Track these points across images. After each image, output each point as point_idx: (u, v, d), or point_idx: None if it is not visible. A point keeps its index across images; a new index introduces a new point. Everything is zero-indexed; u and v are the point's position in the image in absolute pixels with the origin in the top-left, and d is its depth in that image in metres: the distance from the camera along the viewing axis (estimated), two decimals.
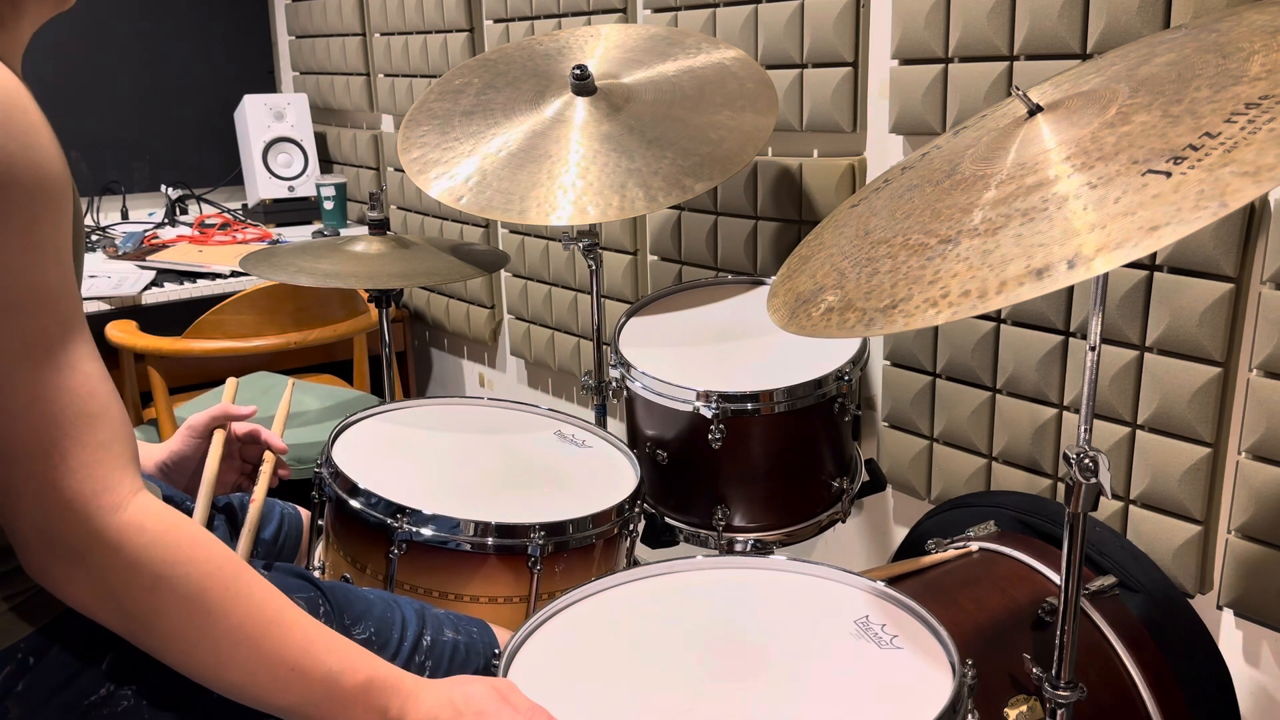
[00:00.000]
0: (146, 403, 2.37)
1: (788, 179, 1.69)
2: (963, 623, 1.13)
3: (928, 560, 1.27)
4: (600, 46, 1.69)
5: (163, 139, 3.18)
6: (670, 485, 1.45)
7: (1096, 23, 1.28)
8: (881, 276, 0.82)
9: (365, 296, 2.15)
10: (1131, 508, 1.35)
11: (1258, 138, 0.67)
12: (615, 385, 1.47)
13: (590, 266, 1.63)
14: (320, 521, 1.27)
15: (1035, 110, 0.88)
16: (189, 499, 1.18)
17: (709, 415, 1.34)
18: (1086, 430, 0.93)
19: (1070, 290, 1.37)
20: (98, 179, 3.09)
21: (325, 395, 2.25)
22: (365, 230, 1.74)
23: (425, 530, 1.14)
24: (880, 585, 1.01)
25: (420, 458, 1.31)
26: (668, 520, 1.46)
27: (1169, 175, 0.69)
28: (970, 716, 0.85)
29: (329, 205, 2.89)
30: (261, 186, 2.95)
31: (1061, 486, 1.41)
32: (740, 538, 1.42)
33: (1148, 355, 1.30)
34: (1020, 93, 0.89)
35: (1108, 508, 1.36)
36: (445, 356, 2.89)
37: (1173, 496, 1.29)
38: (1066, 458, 0.90)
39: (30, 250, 0.72)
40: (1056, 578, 1.20)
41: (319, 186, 2.90)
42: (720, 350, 1.47)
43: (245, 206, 3.10)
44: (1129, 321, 1.30)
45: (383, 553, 1.16)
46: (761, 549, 1.41)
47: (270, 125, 2.97)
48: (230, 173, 3.23)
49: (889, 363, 1.62)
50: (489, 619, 1.12)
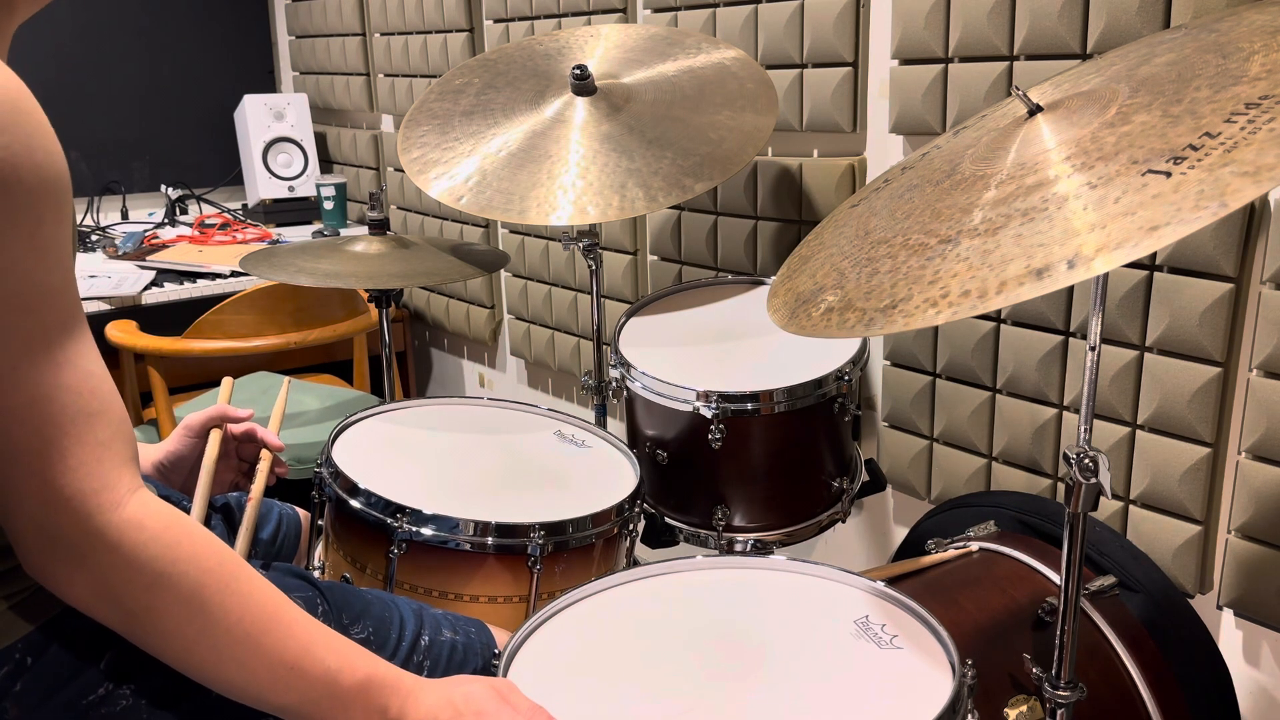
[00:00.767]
0: (146, 403, 2.37)
1: (788, 179, 1.69)
2: (963, 623, 1.13)
3: (928, 560, 1.27)
4: (600, 46, 1.69)
5: (163, 139, 3.18)
6: (670, 485, 1.45)
7: (1096, 23, 1.28)
8: (881, 276, 0.82)
9: (365, 296, 2.15)
10: (1131, 508, 1.35)
11: (1258, 138, 0.67)
12: (615, 385, 1.47)
13: (590, 266, 1.63)
14: (320, 521, 1.27)
15: (1035, 110, 0.88)
16: (186, 499, 1.18)
17: (709, 415, 1.34)
18: (1086, 430, 0.93)
19: (1070, 290, 1.37)
20: (98, 179, 3.09)
21: (325, 395, 2.25)
22: (365, 230, 1.74)
23: (425, 530, 1.14)
24: (880, 585, 1.01)
25: (420, 458, 1.31)
26: (668, 520, 1.46)
27: (1169, 175, 0.69)
28: (970, 716, 0.85)
29: (329, 205, 2.89)
30: (261, 186, 2.95)
31: (1061, 486, 1.41)
32: (740, 538, 1.42)
33: (1148, 355, 1.30)
34: (1020, 93, 0.89)
35: (1108, 508, 1.36)
36: (445, 356, 2.89)
37: (1173, 496, 1.29)
38: (1066, 458, 0.90)
39: (34, 250, 0.72)
40: (1056, 578, 1.20)
41: (319, 186, 2.90)
42: (720, 350, 1.47)
43: (245, 206, 3.10)
44: (1129, 321, 1.30)
45: (383, 552, 1.16)
46: (761, 549, 1.41)
47: (270, 125, 2.97)
48: (230, 173, 3.23)
49: (889, 363, 1.62)
50: (489, 619, 1.12)
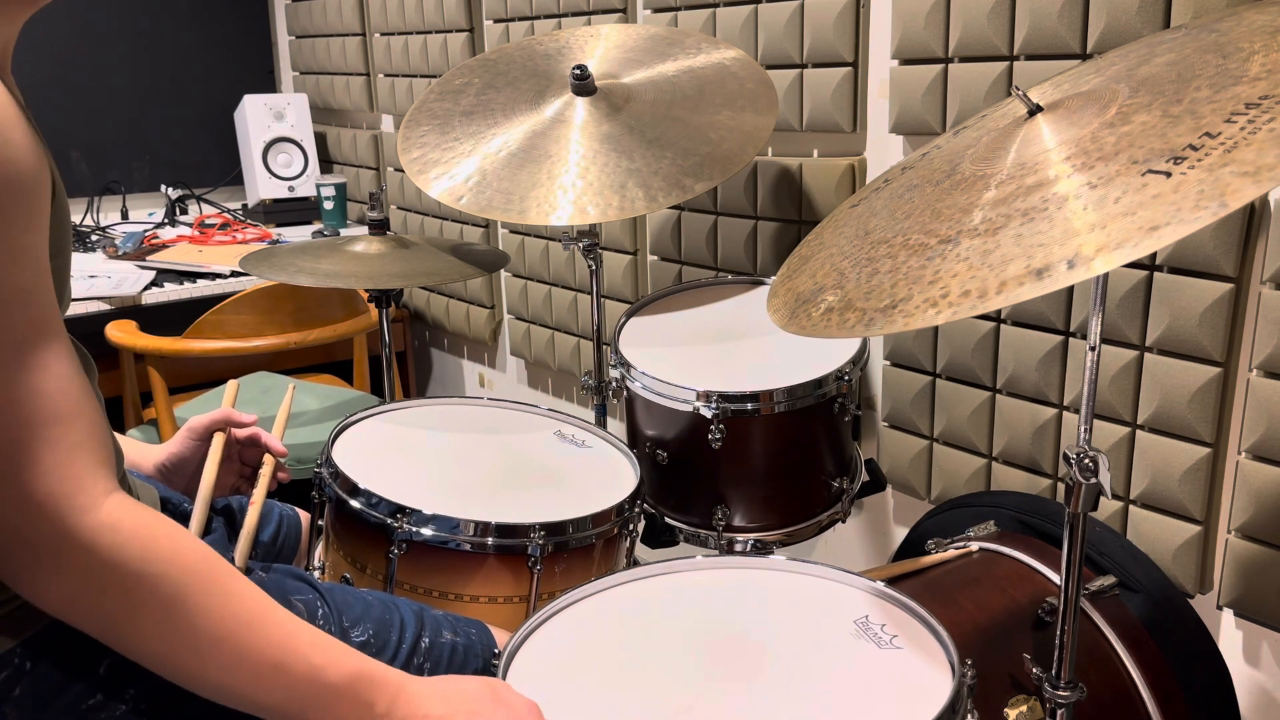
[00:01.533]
0: (146, 403, 2.37)
1: (788, 179, 1.69)
2: (963, 623, 1.13)
3: (928, 560, 1.27)
4: (600, 46, 1.69)
5: (163, 139, 3.18)
6: (670, 485, 1.45)
7: (1096, 23, 1.28)
8: (881, 276, 0.82)
9: (365, 296, 2.15)
10: (1131, 508, 1.35)
11: (1258, 138, 0.67)
12: (615, 385, 1.47)
13: (590, 266, 1.63)
14: (320, 522, 1.27)
15: (1035, 110, 0.88)
16: (187, 501, 1.18)
17: (709, 415, 1.34)
18: (1086, 430, 0.93)
19: (1070, 290, 1.37)
20: (98, 179, 3.09)
21: (325, 395, 2.25)
22: (365, 230, 1.74)
23: (425, 530, 1.14)
24: (880, 585, 1.01)
25: (420, 458, 1.31)
26: (668, 520, 1.46)
27: (1169, 175, 0.69)
28: (970, 716, 0.86)
29: (329, 205, 2.89)
30: (261, 186, 2.95)
31: (1061, 486, 1.41)
32: (740, 538, 1.41)
33: (1148, 355, 1.30)
34: (1020, 93, 0.89)
35: (1108, 508, 1.36)
36: (445, 356, 2.89)
37: (1173, 496, 1.29)
38: (1066, 458, 0.90)
39: (2, 250, 0.70)
40: (1056, 578, 1.20)
41: (319, 186, 2.90)
42: (720, 350, 1.47)
43: (245, 206, 3.09)
44: (1129, 321, 1.30)
45: (383, 553, 1.16)
46: (761, 549, 1.41)
47: (270, 125, 2.97)
48: (230, 173, 3.22)
49: (889, 363, 1.62)
50: (489, 619, 1.12)
